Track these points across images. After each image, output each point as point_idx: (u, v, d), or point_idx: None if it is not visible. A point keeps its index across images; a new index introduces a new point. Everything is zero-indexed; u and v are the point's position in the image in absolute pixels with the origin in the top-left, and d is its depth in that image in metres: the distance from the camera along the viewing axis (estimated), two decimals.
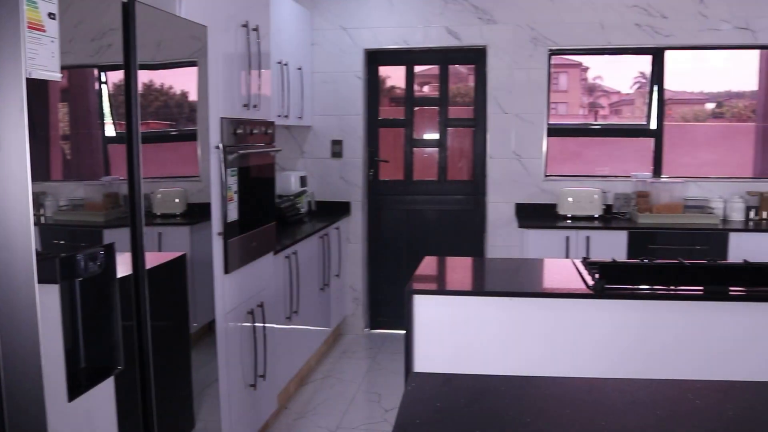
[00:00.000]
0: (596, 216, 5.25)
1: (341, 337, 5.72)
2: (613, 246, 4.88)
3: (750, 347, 2.77)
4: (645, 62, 5.66)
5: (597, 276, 2.98)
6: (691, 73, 5.66)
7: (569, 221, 5.18)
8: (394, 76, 5.93)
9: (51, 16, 1.79)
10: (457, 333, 2.94)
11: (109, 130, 2.29)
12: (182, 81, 2.83)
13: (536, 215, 5.43)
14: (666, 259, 3.40)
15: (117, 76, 2.26)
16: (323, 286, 5.01)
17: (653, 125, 5.54)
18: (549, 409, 1.70)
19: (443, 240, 5.80)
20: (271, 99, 3.94)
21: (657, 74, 5.51)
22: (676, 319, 2.81)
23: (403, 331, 5.66)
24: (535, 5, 5.43)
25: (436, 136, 5.84)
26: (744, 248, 4.69)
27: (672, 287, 2.91)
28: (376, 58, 5.77)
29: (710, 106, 6.08)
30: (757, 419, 1.64)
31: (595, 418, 1.64)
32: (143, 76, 2.31)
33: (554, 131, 5.62)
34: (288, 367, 4.23)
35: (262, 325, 3.59)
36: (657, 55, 5.46)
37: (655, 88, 5.52)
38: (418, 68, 5.89)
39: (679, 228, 4.94)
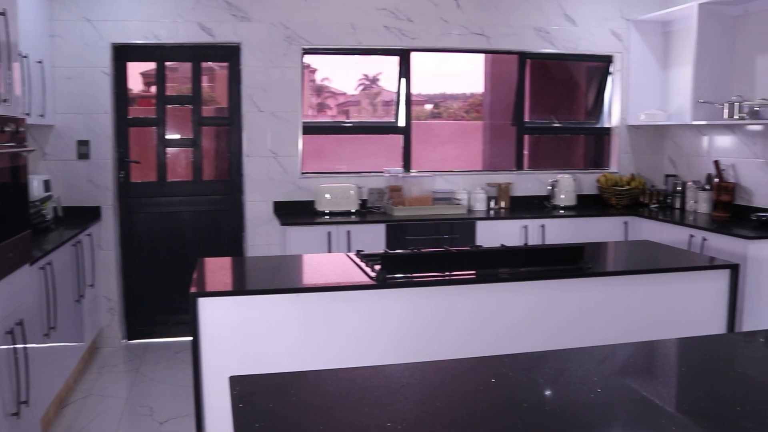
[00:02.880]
0: (353, 211, 5.44)
1: (98, 351, 5.32)
2: (372, 239, 5.10)
3: (523, 321, 3.10)
4: (368, 65, 6.00)
5: (378, 267, 3.12)
6: (416, 75, 6.05)
7: (327, 217, 5.32)
8: (140, 73, 5.65)
9: None
10: (247, 333, 2.89)
11: None
12: None
13: (295, 212, 5.50)
14: (423, 248, 3.64)
15: None
16: (78, 297, 4.63)
17: (402, 123, 5.89)
18: (378, 396, 1.75)
19: (202, 241, 5.66)
20: (19, 94, 3.55)
21: (404, 74, 5.85)
22: (456, 302, 3.04)
23: (166, 339, 5.57)
24: (288, 4, 5.48)
25: (189, 135, 5.66)
26: (489, 234, 5.16)
27: (447, 273, 3.15)
28: (124, 54, 5.44)
29: (429, 106, 6.60)
30: (564, 382, 1.83)
31: (427, 400, 1.73)
32: None
33: (309, 129, 5.73)
34: (48, 390, 3.85)
35: (23, 345, 3.24)
36: (404, 56, 5.81)
37: (403, 88, 5.86)
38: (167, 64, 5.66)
39: (431, 219, 5.30)
